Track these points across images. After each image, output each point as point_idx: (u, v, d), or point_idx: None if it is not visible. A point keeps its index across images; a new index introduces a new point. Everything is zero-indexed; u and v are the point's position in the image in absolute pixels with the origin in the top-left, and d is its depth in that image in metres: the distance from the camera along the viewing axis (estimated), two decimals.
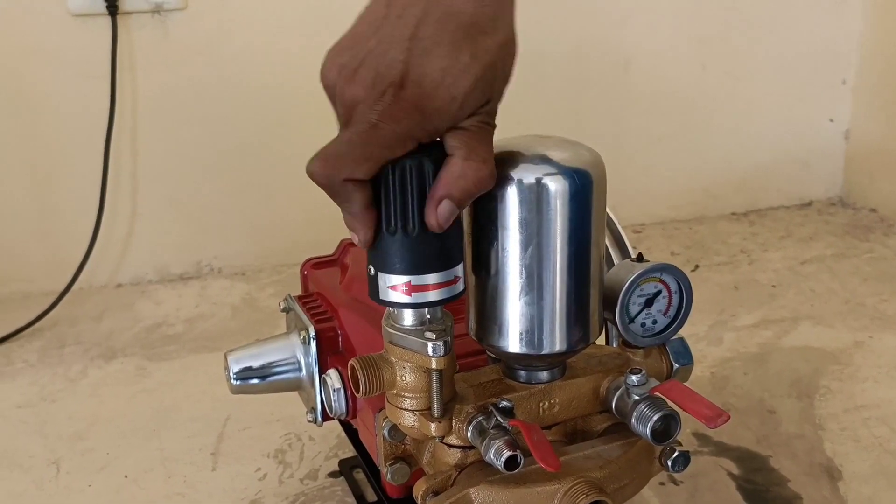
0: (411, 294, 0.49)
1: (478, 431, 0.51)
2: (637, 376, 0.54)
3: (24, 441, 0.88)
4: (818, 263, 1.23)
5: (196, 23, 1.18)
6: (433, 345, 0.49)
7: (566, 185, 0.50)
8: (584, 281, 0.52)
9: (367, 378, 0.52)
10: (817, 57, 1.41)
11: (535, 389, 0.55)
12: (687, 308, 0.57)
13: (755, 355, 0.97)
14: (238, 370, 0.68)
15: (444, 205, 0.46)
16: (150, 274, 1.28)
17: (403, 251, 0.48)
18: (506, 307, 0.52)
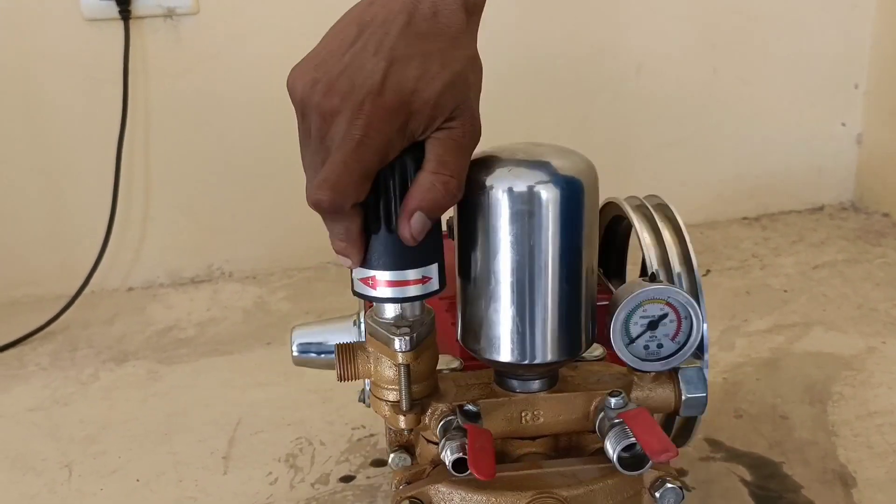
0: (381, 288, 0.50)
1: (443, 430, 0.52)
2: (616, 399, 0.52)
3: (37, 444, 0.88)
4: (830, 268, 1.22)
5: (208, 27, 1.19)
6: (399, 339, 0.50)
7: (558, 194, 0.49)
8: (571, 292, 0.52)
9: (343, 365, 0.54)
10: (829, 61, 1.40)
11: (516, 398, 0.55)
12: (696, 336, 0.55)
13: (767, 361, 0.97)
14: (299, 343, 0.72)
15: (416, 217, 0.48)
16: (162, 277, 1.28)
17: (384, 248, 0.49)
18: (490, 314, 0.52)
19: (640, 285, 0.54)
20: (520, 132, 0.53)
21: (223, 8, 1.19)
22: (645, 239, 0.70)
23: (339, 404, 0.92)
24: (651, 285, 0.54)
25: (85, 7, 1.14)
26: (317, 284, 1.26)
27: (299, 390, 0.95)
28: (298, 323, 0.74)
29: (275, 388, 0.97)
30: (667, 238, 0.70)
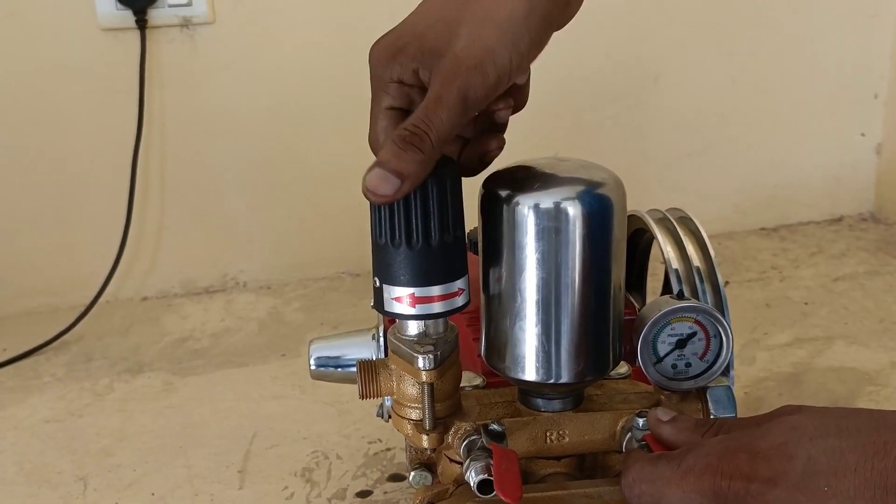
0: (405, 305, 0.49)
1: (467, 450, 0.51)
2: (643, 419, 0.51)
3: (52, 457, 0.88)
4: (851, 281, 1.21)
5: (224, 37, 1.19)
6: (423, 358, 0.49)
7: (585, 210, 0.48)
8: (598, 310, 0.51)
9: (365, 383, 0.53)
10: (848, 71, 1.39)
11: (541, 417, 0.54)
12: (726, 355, 0.54)
13: (789, 375, 0.96)
14: (317, 357, 0.72)
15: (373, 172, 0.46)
16: (177, 287, 1.27)
17: (408, 263, 0.48)
18: (514, 332, 0.51)
19: (668, 303, 0.53)
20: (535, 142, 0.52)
21: (239, 18, 1.18)
22: (668, 253, 0.69)
23: (356, 417, 0.91)
24: (679, 303, 0.53)
25: (101, 16, 1.14)
26: (331, 295, 1.25)
27: (315, 403, 0.95)
28: (316, 336, 0.73)
29: (290, 400, 0.96)
30: (691, 252, 0.69)
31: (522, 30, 0.47)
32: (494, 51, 0.46)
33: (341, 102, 1.23)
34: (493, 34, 0.46)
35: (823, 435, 0.42)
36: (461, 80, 0.46)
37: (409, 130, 0.46)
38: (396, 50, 0.48)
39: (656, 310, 0.53)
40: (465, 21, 0.47)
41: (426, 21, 0.48)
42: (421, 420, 0.52)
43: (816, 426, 0.43)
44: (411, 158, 0.46)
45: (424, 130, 0.46)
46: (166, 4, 1.15)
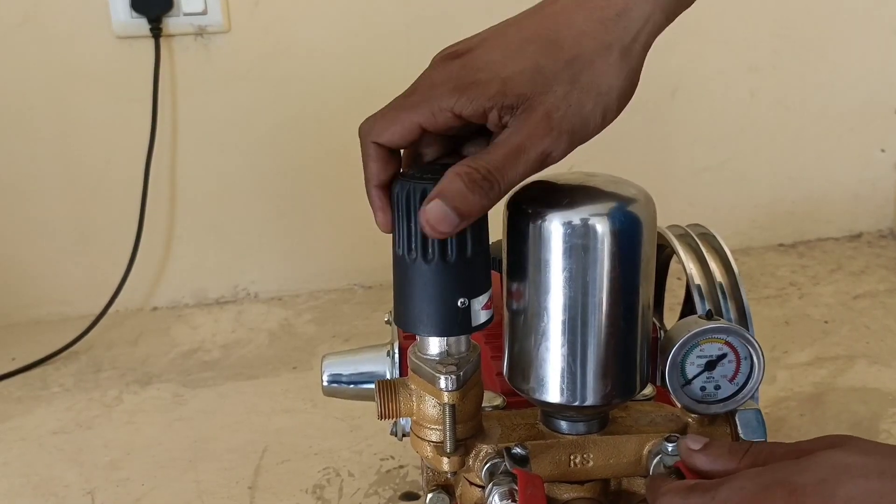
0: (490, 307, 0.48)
1: (489, 474, 0.50)
2: (672, 445, 0.50)
3: (60, 469, 0.86)
4: (871, 298, 1.19)
5: (239, 46, 1.18)
6: (445, 378, 0.48)
7: (614, 227, 0.47)
8: (626, 330, 0.49)
9: (384, 403, 0.51)
10: (868, 86, 1.37)
11: (565, 440, 0.52)
12: (757, 378, 0.52)
13: (811, 395, 0.94)
14: (329, 374, 0.70)
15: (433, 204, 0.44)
16: (187, 298, 1.26)
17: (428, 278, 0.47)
18: (539, 352, 0.50)
19: (697, 323, 0.52)
20: None
21: (254, 27, 1.18)
22: (691, 270, 0.68)
23: (368, 433, 0.89)
24: (709, 323, 0.52)
25: (116, 24, 1.13)
26: (343, 307, 1.24)
27: (326, 418, 0.93)
28: (329, 352, 0.72)
29: (301, 414, 0.95)
30: (713, 269, 0.68)
31: (614, 105, 0.46)
32: (587, 121, 0.45)
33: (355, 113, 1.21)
34: (589, 104, 0.45)
35: (865, 475, 0.40)
36: (549, 143, 0.44)
37: (481, 173, 0.44)
38: (470, 83, 0.45)
39: (685, 330, 0.51)
40: (563, 80, 0.45)
41: (517, 64, 0.45)
42: (441, 442, 0.50)
43: (859, 465, 0.41)
44: (476, 202, 0.44)
45: (497, 179, 0.44)
46: (181, 13, 1.14)
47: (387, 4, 1.20)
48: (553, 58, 0.45)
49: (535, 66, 0.45)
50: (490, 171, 0.44)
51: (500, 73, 0.45)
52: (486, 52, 0.46)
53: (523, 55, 0.45)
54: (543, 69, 0.45)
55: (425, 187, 0.45)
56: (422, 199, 0.45)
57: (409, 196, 0.46)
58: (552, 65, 0.45)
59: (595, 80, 0.45)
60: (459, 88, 0.45)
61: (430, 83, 0.46)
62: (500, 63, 0.45)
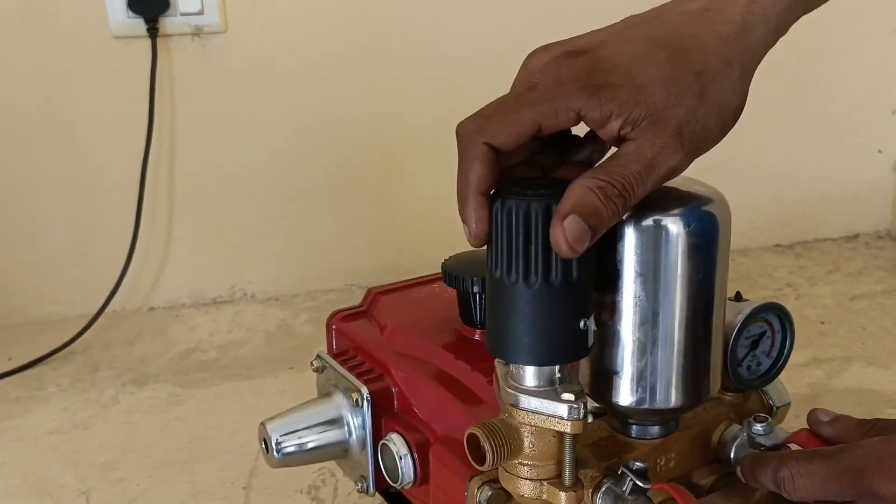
0: None
1: (611, 499, 0.47)
2: (762, 425, 0.51)
3: (55, 469, 0.86)
4: (869, 300, 1.19)
5: (236, 46, 1.18)
6: (570, 407, 0.45)
7: (688, 228, 0.46)
8: (706, 331, 0.49)
9: (495, 448, 0.46)
10: (867, 87, 1.37)
11: (653, 445, 0.51)
12: (790, 347, 0.55)
13: (807, 397, 0.94)
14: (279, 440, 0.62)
15: (570, 220, 0.42)
16: (184, 297, 1.26)
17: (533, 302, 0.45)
18: (621, 359, 0.49)
19: (739, 306, 0.53)
20: None
21: (252, 27, 1.18)
22: None
23: None
24: (750, 304, 0.53)
25: (113, 24, 1.13)
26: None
27: None
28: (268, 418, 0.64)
29: None
30: None
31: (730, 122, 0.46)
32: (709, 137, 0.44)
33: (353, 113, 1.22)
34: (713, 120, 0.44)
35: None
36: (680, 158, 0.43)
37: (616, 188, 0.42)
38: (601, 84, 0.43)
39: (735, 315, 0.52)
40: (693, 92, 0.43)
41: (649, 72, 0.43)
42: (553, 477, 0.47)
43: None
44: (609, 217, 0.43)
45: (631, 193, 0.43)
46: (178, 13, 1.14)
47: (385, 4, 1.20)
48: (683, 68, 0.43)
49: (668, 76, 0.43)
50: (625, 185, 0.42)
51: (634, 79, 0.43)
52: (613, 52, 0.44)
53: (654, 61, 0.43)
54: (676, 80, 0.43)
55: (549, 203, 0.43)
56: (545, 216, 0.43)
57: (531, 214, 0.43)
58: (682, 76, 0.43)
59: (718, 96, 0.44)
60: (590, 89, 0.43)
61: (555, 80, 0.44)
62: (633, 67, 0.43)
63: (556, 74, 0.44)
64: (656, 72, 0.43)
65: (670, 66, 0.43)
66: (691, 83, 0.43)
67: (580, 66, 0.44)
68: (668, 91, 0.43)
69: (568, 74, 0.44)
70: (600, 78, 0.43)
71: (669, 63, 0.43)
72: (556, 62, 0.45)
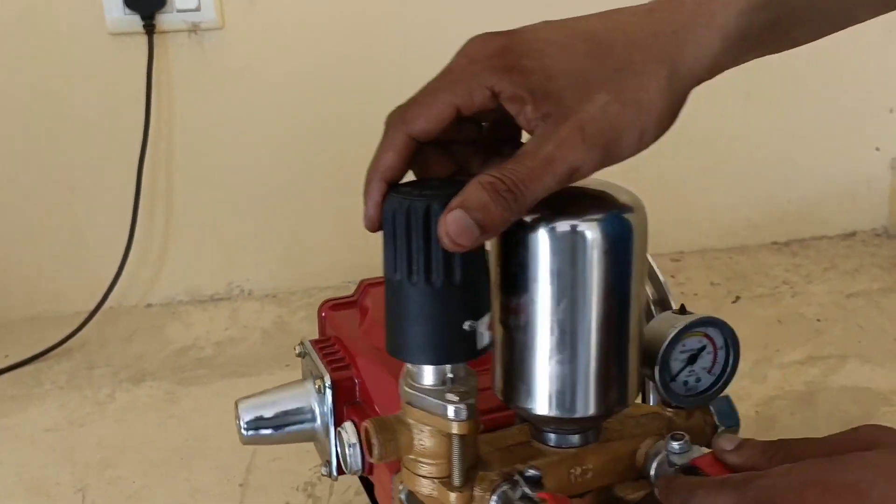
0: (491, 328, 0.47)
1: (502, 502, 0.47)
2: (679, 443, 0.49)
3: (52, 467, 0.87)
4: (865, 298, 1.19)
5: (233, 43, 1.18)
6: (455, 408, 0.45)
7: (604, 234, 0.45)
8: (622, 338, 0.48)
9: (383, 443, 0.48)
10: (863, 85, 1.37)
11: (566, 454, 0.50)
12: (734, 365, 0.52)
13: (802, 394, 0.94)
14: (249, 419, 0.64)
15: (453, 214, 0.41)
16: (181, 295, 1.26)
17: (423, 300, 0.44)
18: (535, 366, 0.48)
19: (677, 319, 0.51)
20: None
21: (248, 24, 1.17)
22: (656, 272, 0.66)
23: None
24: (689, 317, 0.51)
25: (109, 21, 1.13)
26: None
27: None
28: (241, 397, 0.66)
29: None
30: None
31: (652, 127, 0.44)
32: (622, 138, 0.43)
33: (351, 110, 1.22)
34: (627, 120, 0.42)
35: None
36: (580, 156, 0.42)
37: (506, 184, 0.41)
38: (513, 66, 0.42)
39: (668, 327, 0.50)
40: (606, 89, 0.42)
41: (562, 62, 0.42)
42: (446, 476, 0.47)
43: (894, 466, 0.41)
44: (499, 214, 0.42)
45: (523, 191, 0.41)
46: (175, 9, 1.14)
47: (383, 2, 1.20)
48: (600, 62, 0.43)
49: (580, 69, 0.42)
50: (516, 182, 0.41)
51: (545, 66, 0.42)
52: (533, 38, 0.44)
53: (570, 52, 0.43)
54: (587, 74, 0.42)
55: (430, 204, 0.42)
56: (425, 216, 0.43)
57: (411, 213, 0.43)
58: (598, 70, 0.42)
59: (637, 96, 0.42)
60: (502, 68, 0.42)
61: (469, 58, 0.44)
62: (546, 54, 0.43)
63: (471, 53, 0.44)
64: (568, 64, 0.42)
65: (587, 59, 0.42)
66: (605, 79, 0.42)
67: (496, 46, 0.43)
68: (577, 85, 0.42)
69: (482, 52, 0.43)
70: (513, 59, 0.42)
71: (587, 56, 0.43)
72: (473, 42, 0.44)
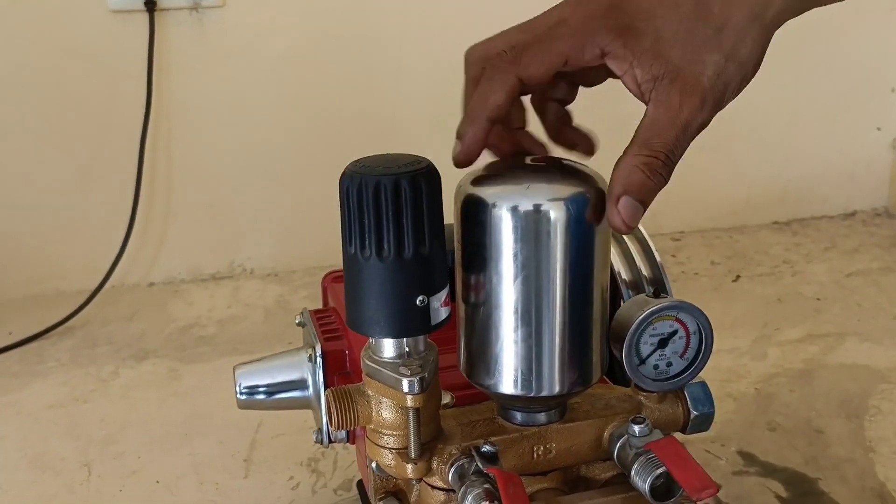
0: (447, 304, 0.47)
1: (458, 475, 0.48)
2: (640, 426, 0.49)
3: (56, 443, 0.87)
4: (864, 277, 1.19)
5: (233, 21, 1.17)
6: (408, 381, 0.46)
7: (567, 214, 0.45)
8: (584, 318, 0.48)
9: (341, 412, 0.49)
10: (865, 65, 1.37)
11: (528, 432, 0.51)
12: (707, 351, 0.52)
13: (801, 372, 0.94)
14: (246, 386, 0.65)
15: (623, 201, 0.43)
16: (183, 273, 1.27)
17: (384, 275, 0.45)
18: (497, 344, 0.48)
19: (648, 302, 0.51)
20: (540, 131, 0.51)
21: (250, 2, 1.17)
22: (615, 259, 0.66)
23: None
24: (661, 301, 0.51)
25: None
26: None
27: None
28: (240, 363, 0.67)
29: None
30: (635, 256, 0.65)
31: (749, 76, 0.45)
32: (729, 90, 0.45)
33: (352, 89, 1.22)
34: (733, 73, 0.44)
35: None
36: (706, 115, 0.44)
37: (660, 159, 0.43)
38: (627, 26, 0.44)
39: (638, 310, 0.50)
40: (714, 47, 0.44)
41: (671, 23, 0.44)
42: (404, 448, 0.48)
43: None
44: (656, 188, 0.44)
45: (673, 160, 0.44)
46: None
47: None
48: (705, 21, 0.44)
49: (689, 30, 0.44)
50: (667, 154, 0.43)
51: (657, 29, 0.43)
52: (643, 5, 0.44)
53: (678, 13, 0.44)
54: (695, 34, 0.44)
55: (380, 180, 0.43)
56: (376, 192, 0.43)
57: (363, 189, 0.44)
58: (703, 29, 0.44)
59: (739, 51, 0.44)
60: (616, 28, 0.43)
61: (585, 14, 0.44)
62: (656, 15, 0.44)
63: (586, 9, 0.44)
64: (677, 25, 0.44)
65: (692, 19, 0.44)
66: (712, 37, 0.44)
67: (607, 3, 0.44)
68: (688, 47, 0.43)
69: (597, 10, 0.44)
70: (625, 19, 0.44)
71: (692, 15, 0.44)
72: None
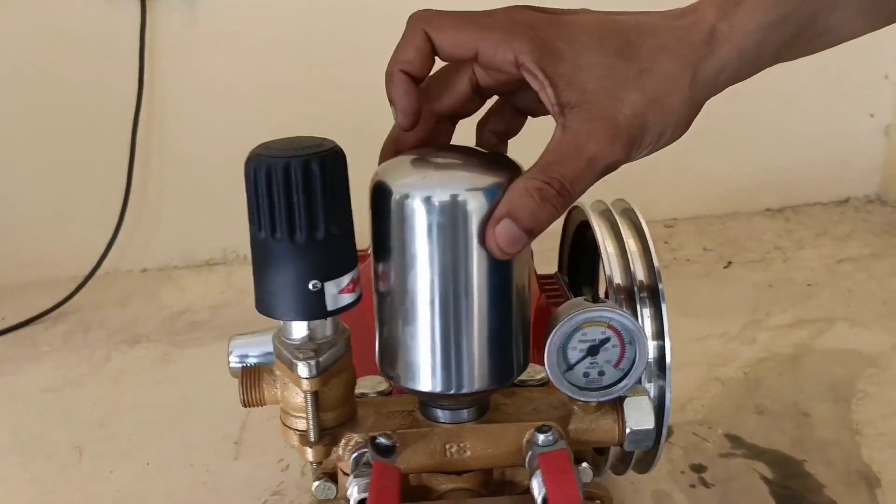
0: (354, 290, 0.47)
1: (354, 464, 0.47)
2: (544, 435, 0.47)
3: (48, 426, 0.88)
4: (855, 263, 1.20)
5: (226, 7, 1.17)
6: (303, 365, 0.45)
7: (484, 204, 0.44)
8: (501, 313, 0.46)
9: (247, 390, 0.49)
10: (858, 51, 1.35)
11: (439, 429, 0.49)
12: (641, 362, 0.49)
13: (790, 356, 0.95)
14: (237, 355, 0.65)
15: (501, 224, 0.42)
16: (176, 259, 1.27)
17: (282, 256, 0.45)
18: (406, 338, 0.47)
19: (579, 306, 0.48)
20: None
21: None
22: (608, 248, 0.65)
23: None
24: (591, 307, 0.48)
25: None
26: None
27: None
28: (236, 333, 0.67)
29: None
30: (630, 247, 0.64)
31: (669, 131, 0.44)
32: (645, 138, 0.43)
33: (345, 76, 1.22)
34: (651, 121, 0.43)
35: None
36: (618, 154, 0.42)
37: (555, 188, 0.42)
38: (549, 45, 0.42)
39: (565, 314, 0.48)
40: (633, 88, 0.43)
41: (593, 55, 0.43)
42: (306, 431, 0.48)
43: None
44: (547, 219, 0.42)
45: (571, 193, 0.42)
46: None
47: None
48: (627, 60, 0.43)
49: (609, 66, 0.43)
50: (564, 185, 0.42)
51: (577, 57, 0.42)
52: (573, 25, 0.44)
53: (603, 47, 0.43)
54: (616, 71, 0.43)
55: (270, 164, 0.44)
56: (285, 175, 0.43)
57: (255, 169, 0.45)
58: (625, 69, 0.43)
59: (663, 99, 0.43)
60: (536, 42, 0.42)
61: (510, 18, 0.44)
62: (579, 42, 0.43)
63: (515, 16, 0.44)
64: (599, 57, 0.43)
65: (615, 56, 0.43)
66: (633, 78, 0.43)
67: (538, 19, 0.44)
68: (605, 80, 0.42)
69: (525, 20, 0.44)
70: (550, 40, 0.43)
71: (617, 53, 0.43)
72: (522, 9, 0.45)
